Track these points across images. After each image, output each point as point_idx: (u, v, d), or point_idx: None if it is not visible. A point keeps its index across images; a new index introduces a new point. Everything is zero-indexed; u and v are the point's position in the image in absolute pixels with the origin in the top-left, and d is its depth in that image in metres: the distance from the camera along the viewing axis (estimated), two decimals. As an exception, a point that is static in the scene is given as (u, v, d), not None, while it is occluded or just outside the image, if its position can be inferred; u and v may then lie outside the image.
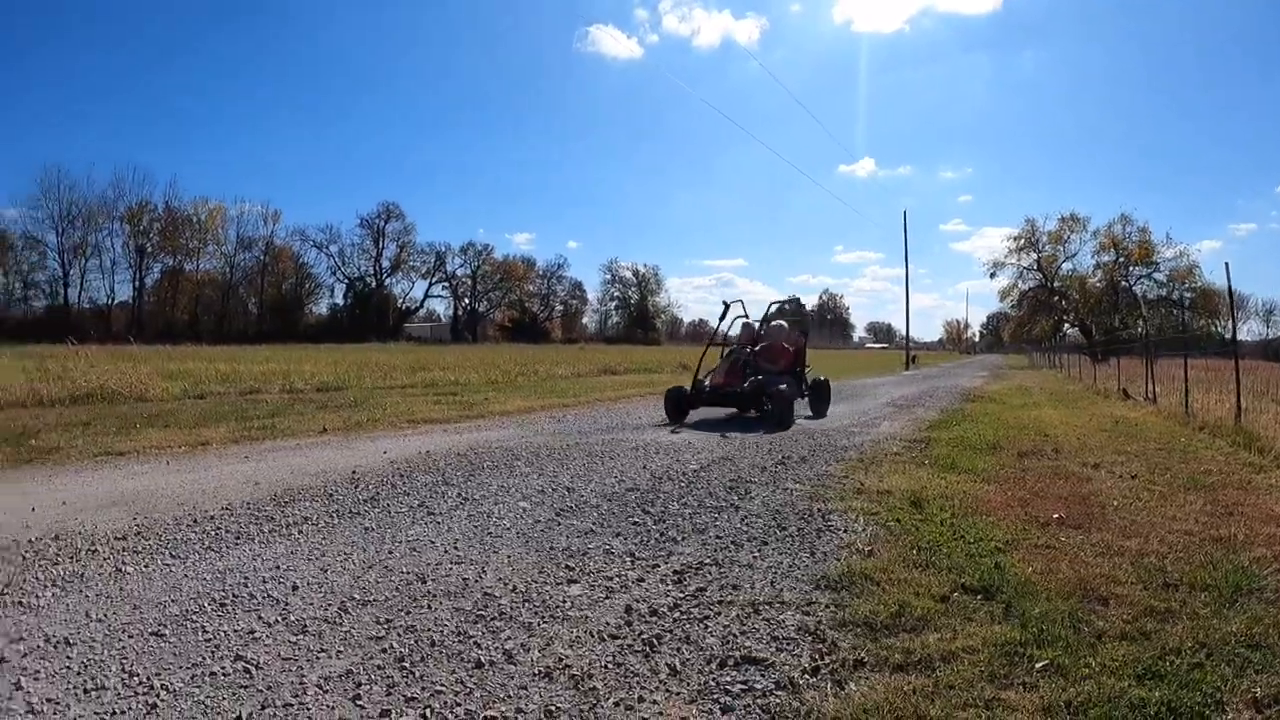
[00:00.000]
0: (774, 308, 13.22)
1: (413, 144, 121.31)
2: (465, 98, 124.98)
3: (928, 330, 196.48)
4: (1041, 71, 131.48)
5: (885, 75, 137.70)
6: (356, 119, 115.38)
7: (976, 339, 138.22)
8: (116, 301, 70.61)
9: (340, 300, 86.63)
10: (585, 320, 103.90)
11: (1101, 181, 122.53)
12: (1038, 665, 2.71)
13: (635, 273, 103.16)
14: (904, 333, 60.58)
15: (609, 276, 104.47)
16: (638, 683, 2.66)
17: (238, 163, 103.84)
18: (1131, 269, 56.68)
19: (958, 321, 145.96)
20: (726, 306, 15.71)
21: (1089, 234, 58.14)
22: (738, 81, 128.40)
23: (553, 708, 2.47)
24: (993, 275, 63.45)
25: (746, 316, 13.46)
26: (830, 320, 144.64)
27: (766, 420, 10.50)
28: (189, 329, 52.85)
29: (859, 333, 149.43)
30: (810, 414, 12.02)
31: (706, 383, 11.65)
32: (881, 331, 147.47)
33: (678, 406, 11.14)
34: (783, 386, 10.74)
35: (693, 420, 11.00)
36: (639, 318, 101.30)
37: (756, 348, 12.37)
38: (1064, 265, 59.93)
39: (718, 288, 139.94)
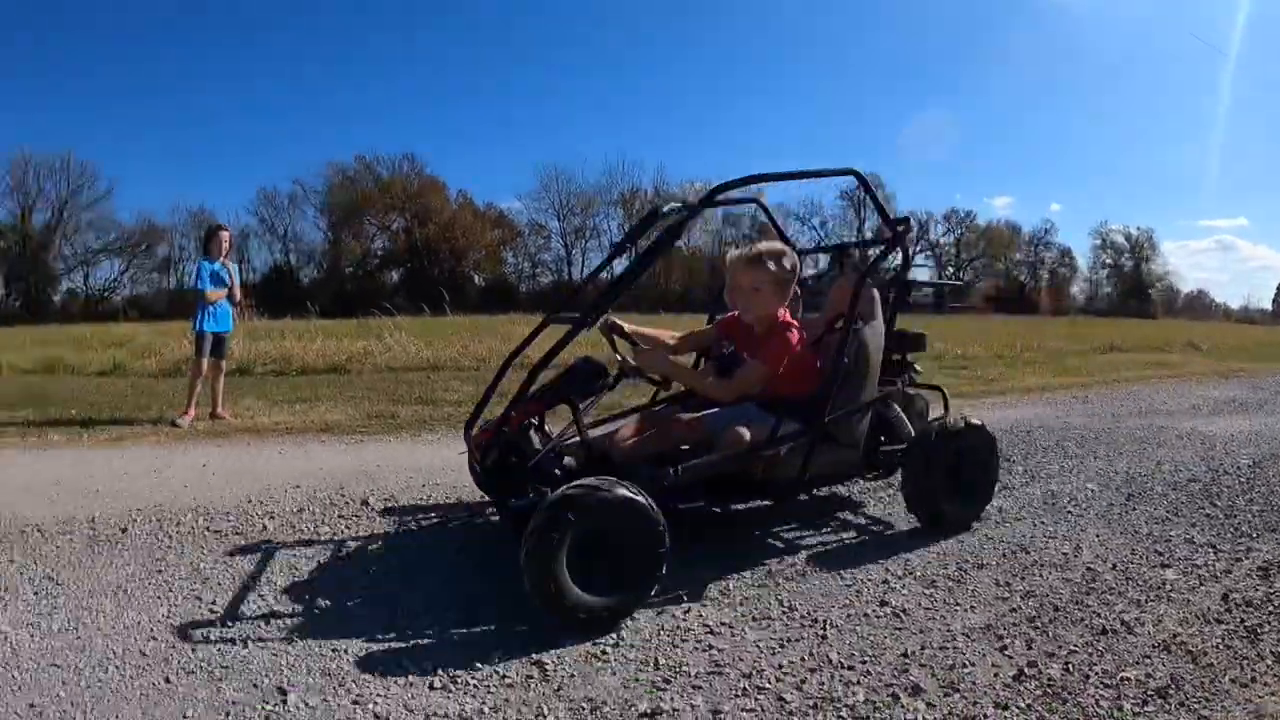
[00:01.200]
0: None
1: (880, 114, 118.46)
2: (914, 58, 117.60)
3: None
4: None
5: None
6: (821, 93, 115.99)
7: None
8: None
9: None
10: (1074, 290, 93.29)
11: None
12: None
13: (1127, 237, 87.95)
14: None
15: (1099, 242, 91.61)
16: (1249, 665, 2.87)
17: (719, 146, 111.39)
18: None
19: None
20: (655, 212, 4.48)
21: None
22: (1204, 6, 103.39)
23: (1178, 676, 2.76)
24: None
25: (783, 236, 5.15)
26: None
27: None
28: (680, 299, 58.68)
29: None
30: (919, 523, 4.39)
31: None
32: None
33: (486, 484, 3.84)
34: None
35: None
36: (1133, 288, 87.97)
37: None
38: None
39: (1216, 251, 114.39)
